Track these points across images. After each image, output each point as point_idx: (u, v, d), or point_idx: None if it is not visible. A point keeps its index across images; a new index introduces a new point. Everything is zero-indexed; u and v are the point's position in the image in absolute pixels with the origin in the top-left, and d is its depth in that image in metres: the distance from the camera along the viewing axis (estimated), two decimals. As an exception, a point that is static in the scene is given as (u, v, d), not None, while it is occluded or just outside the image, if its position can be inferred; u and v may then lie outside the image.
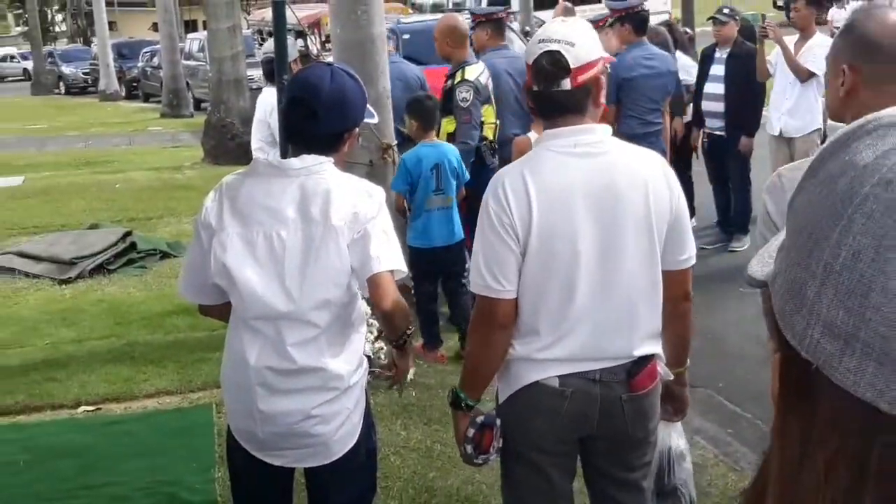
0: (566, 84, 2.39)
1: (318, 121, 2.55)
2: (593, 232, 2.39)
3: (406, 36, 12.05)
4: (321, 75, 2.62)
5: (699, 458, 4.21)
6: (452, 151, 5.64)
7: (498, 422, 2.56)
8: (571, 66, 2.38)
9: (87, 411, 5.10)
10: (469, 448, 2.57)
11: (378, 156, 6.03)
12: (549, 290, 2.42)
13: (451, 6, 32.04)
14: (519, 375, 2.51)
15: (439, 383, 5.12)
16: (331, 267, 2.51)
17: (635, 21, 6.55)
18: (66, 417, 5.05)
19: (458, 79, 6.17)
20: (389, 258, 2.55)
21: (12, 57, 48.54)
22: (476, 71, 6.20)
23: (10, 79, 45.15)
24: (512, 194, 2.38)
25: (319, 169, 2.56)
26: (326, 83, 2.57)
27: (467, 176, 5.66)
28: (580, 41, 2.42)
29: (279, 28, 4.83)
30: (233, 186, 2.61)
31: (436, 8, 31.45)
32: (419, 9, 33.20)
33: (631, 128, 6.14)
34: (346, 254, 2.51)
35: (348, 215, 2.50)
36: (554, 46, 2.39)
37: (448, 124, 6.07)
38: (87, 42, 47.43)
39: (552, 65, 2.39)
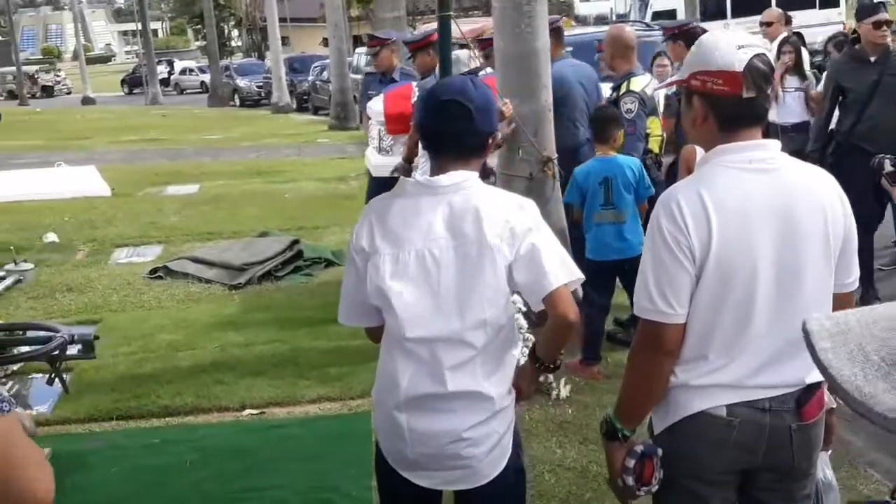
0: (768, 90, 2.33)
1: (472, 121, 2.54)
2: (773, 252, 2.27)
3: (568, 48, 12.01)
4: (464, 80, 2.65)
5: (874, 492, 3.99)
6: (629, 164, 5.53)
7: (659, 451, 2.46)
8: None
9: (252, 414, 5.27)
10: (630, 480, 2.45)
11: (538, 169, 6.02)
12: (724, 314, 2.30)
13: (615, 18, 31.70)
14: (682, 404, 2.39)
15: (596, 401, 5.02)
16: (487, 286, 2.48)
17: (688, 39, 6.59)
18: (231, 420, 5.23)
19: (623, 90, 6.09)
20: (564, 270, 2.51)
21: (191, 70, 51.12)
22: (642, 82, 6.10)
23: (188, 91, 47.57)
24: (689, 212, 2.26)
25: (468, 185, 2.55)
26: (471, 86, 2.59)
27: (651, 189, 5.51)
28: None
29: (444, 42, 4.86)
30: (381, 208, 2.61)
31: (599, 20, 31.20)
32: (583, 21, 33.04)
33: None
34: (503, 273, 2.48)
35: (504, 232, 2.47)
36: (759, 50, 2.32)
37: (614, 136, 6.00)
38: (261, 56, 49.48)
39: (768, 66, 2.32)
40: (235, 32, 68.45)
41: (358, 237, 2.60)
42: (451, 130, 2.57)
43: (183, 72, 51.75)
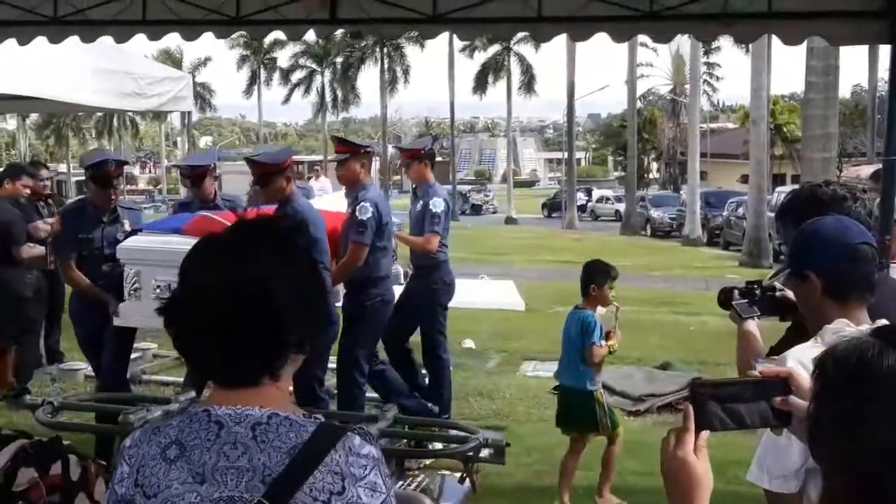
0: None
1: (876, 260, 2.60)
2: None
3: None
4: (850, 219, 2.69)
5: None
6: None
7: None
8: None
9: (644, 545, 5.21)
10: None
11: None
12: None
13: None
14: None
15: None
16: None
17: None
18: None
19: None
20: None
21: (607, 199, 52.81)
22: None
23: (602, 218, 49.07)
24: None
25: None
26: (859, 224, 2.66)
27: None
28: None
29: (889, 186, 4.63)
30: (799, 356, 2.44)
31: None
32: None
33: (445, 254, 7.85)
34: None
35: None
36: None
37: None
38: (677, 189, 50.01)
39: None
40: (654, 165, 69.87)
41: None
42: (865, 271, 2.55)
43: (599, 199, 53.62)
